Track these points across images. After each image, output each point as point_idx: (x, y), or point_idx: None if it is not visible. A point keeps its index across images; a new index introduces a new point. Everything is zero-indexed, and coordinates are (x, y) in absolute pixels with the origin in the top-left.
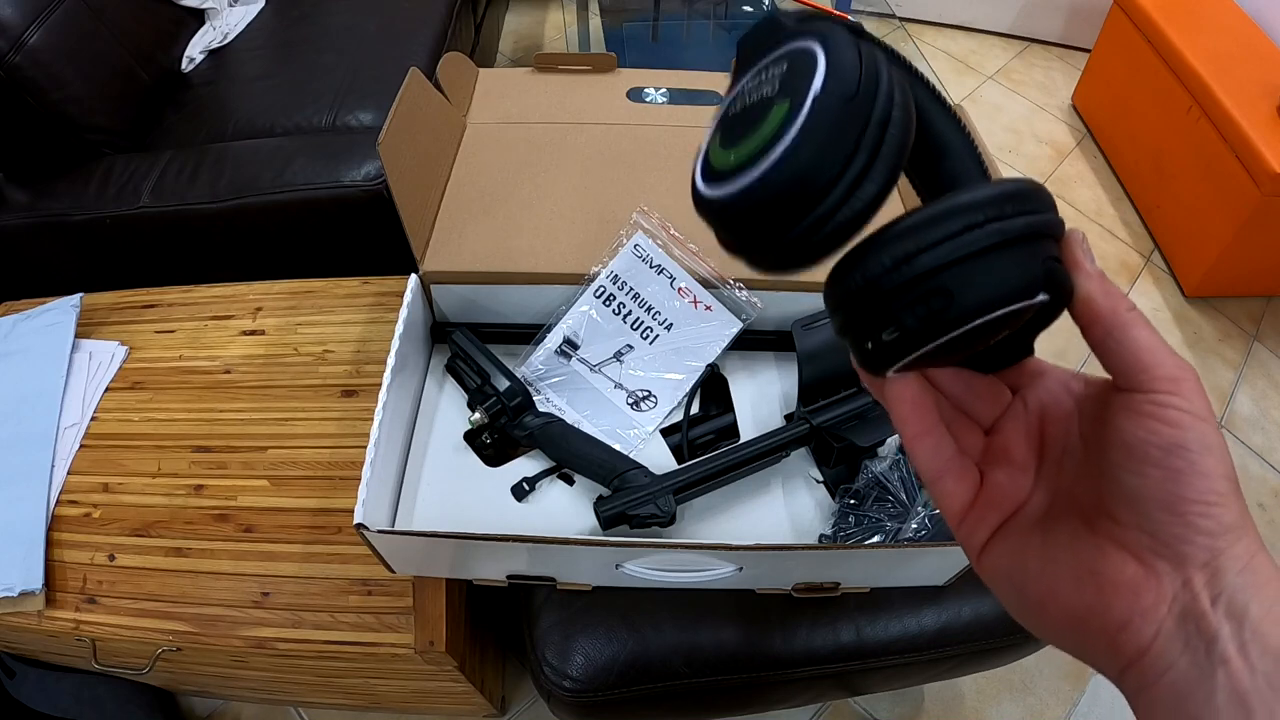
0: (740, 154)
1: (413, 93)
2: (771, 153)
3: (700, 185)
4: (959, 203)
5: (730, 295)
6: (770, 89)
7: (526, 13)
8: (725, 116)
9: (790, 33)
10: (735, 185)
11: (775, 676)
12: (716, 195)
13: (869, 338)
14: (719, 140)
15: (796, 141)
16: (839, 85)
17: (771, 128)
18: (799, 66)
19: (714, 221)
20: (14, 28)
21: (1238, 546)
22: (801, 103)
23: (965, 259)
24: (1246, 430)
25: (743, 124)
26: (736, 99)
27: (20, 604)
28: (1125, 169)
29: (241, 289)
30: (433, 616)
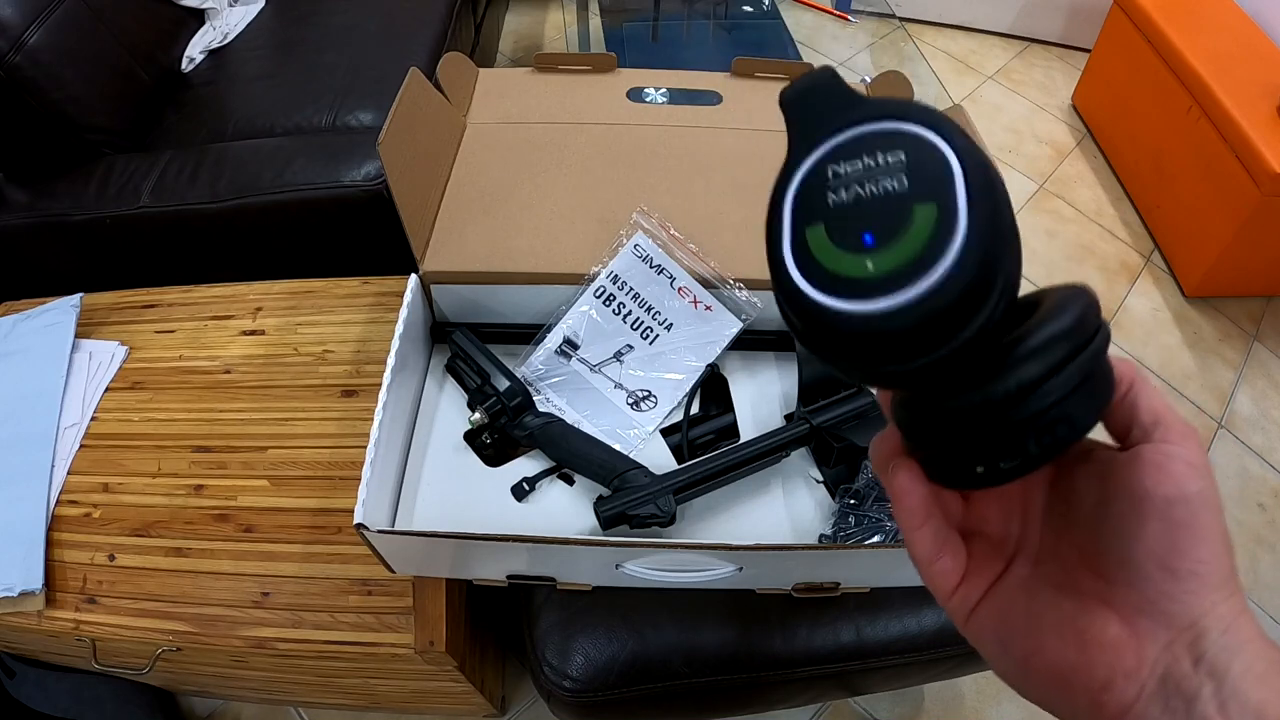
0: (885, 262)
1: (413, 93)
2: (940, 263)
3: (827, 299)
4: (1064, 327)
5: (730, 295)
6: (893, 182)
7: (526, 13)
8: (826, 207)
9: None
10: (895, 300)
11: (775, 676)
12: (867, 311)
13: (980, 463)
14: (830, 240)
15: (965, 250)
16: (985, 189)
17: (925, 234)
18: (925, 159)
19: (849, 342)
20: (14, 28)
21: (1223, 606)
22: (953, 204)
23: (1080, 384)
24: (1246, 430)
25: (869, 225)
26: (832, 185)
27: (20, 604)
28: (1125, 169)
29: (241, 289)
30: (433, 616)
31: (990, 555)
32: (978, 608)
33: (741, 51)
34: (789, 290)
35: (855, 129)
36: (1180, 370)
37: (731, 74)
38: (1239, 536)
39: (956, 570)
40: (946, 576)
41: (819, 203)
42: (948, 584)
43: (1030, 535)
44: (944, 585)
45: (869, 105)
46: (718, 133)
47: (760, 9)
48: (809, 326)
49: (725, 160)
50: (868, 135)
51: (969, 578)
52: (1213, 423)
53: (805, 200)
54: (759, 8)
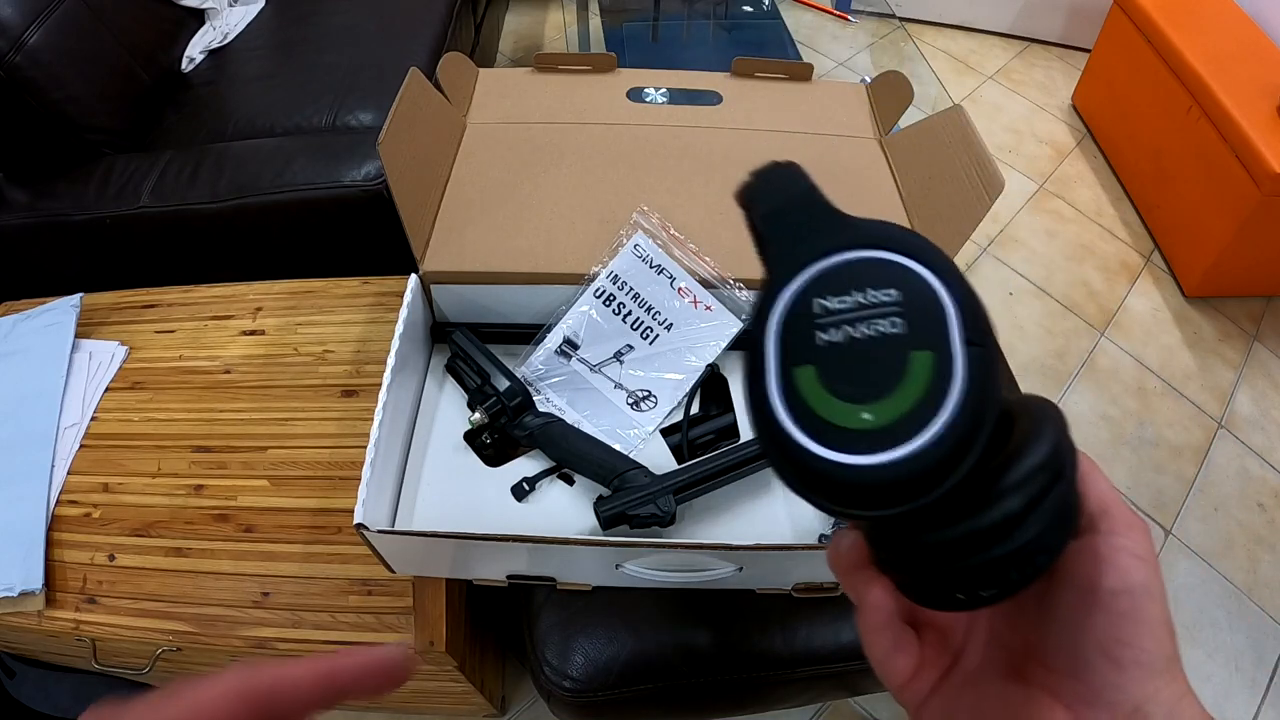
0: (883, 414)
1: (413, 93)
2: (939, 415)
3: (820, 449)
4: (1042, 458)
5: (730, 295)
6: (888, 324)
7: (526, 13)
8: (816, 347)
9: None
10: (893, 455)
11: (775, 676)
12: (864, 464)
13: (961, 591)
14: (823, 384)
15: (964, 399)
16: (978, 330)
17: (922, 384)
18: (919, 299)
19: (838, 490)
20: (14, 28)
21: (1165, 692)
22: (950, 350)
23: (1059, 513)
24: (1246, 430)
25: (864, 371)
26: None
27: (20, 604)
28: (1125, 169)
29: (241, 289)
30: (433, 616)
31: (940, 647)
32: (928, 699)
33: (741, 51)
34: (777, 435)
35: (842, 255)
36: (1180, 370)
37: (731, 74)
38: (1239, 536)
39: (909, 667)
40: (900, 674)
41: (807, 340)
42: (901, 679)
43: (979, 627)
44: (897, 680)
45: (855, 229)
46: (718, 133)
47: (760, 9)
48: (795, 472)
49: (725, 160)
50: (857, 266)
51: (920, 671)
52: (1213, 423)
53: (792, 335)
54: (759, 8)
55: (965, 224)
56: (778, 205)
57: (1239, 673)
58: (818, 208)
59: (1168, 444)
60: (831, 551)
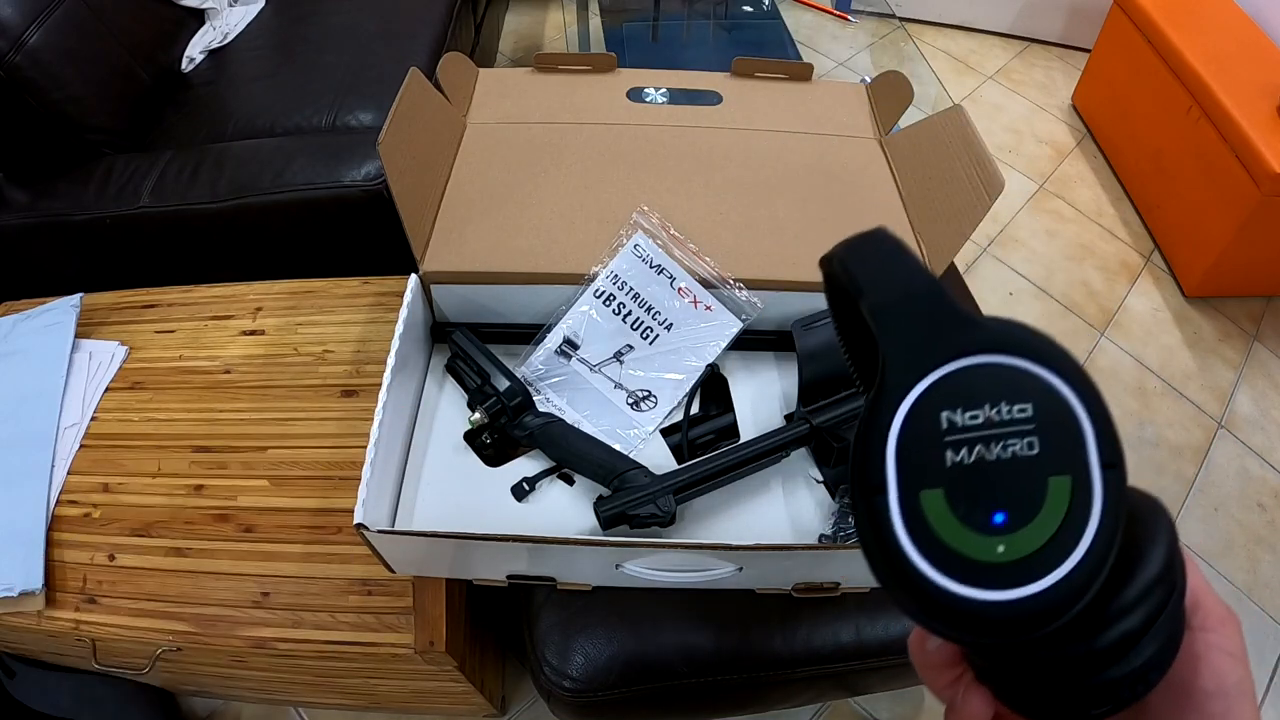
0: (1019, 547)
1: (413, 93)
2: (1078, 547)
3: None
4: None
5: (730, 295)
6: (1023, 445)
7: (526, 13)
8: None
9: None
10: (1028, 591)
11: (775, 676)
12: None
13: (1071, 709)
14: (953, 512)
15: (1101, 528)
16: (1114, 451)
17: (1060, 513)
18: (1054, 416)
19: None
20: (14, 28)
21: None
22: (1088, 475)
23: (1173, 629)
24: (1246, 430)
25: (999, 498)
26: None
27: (20, 604)
28: (1125, 169)
29: (241, 289)
30: (433, 616)
31: None
32: None
33: (741, 51)
34: (899, 565)
35: (969, 360)
36: (1180, 370)
37: (731, 74)
38: (1239, 536)
39: None
40: None
41: (934, 460)
42: None
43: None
44: None
45: (984, 330)
46: (718, 133)
47: (760, 9)
48: (917, 603)
49: (725, 160)
50: (986, 373)
51: None
52: (1213, 423)
53: (916, 453)
54: (759, 8)
55: (965, 224)
56: (895, 297)
57: None
58: (940, 303)
59: (1168, 444)
60: (915, 647)
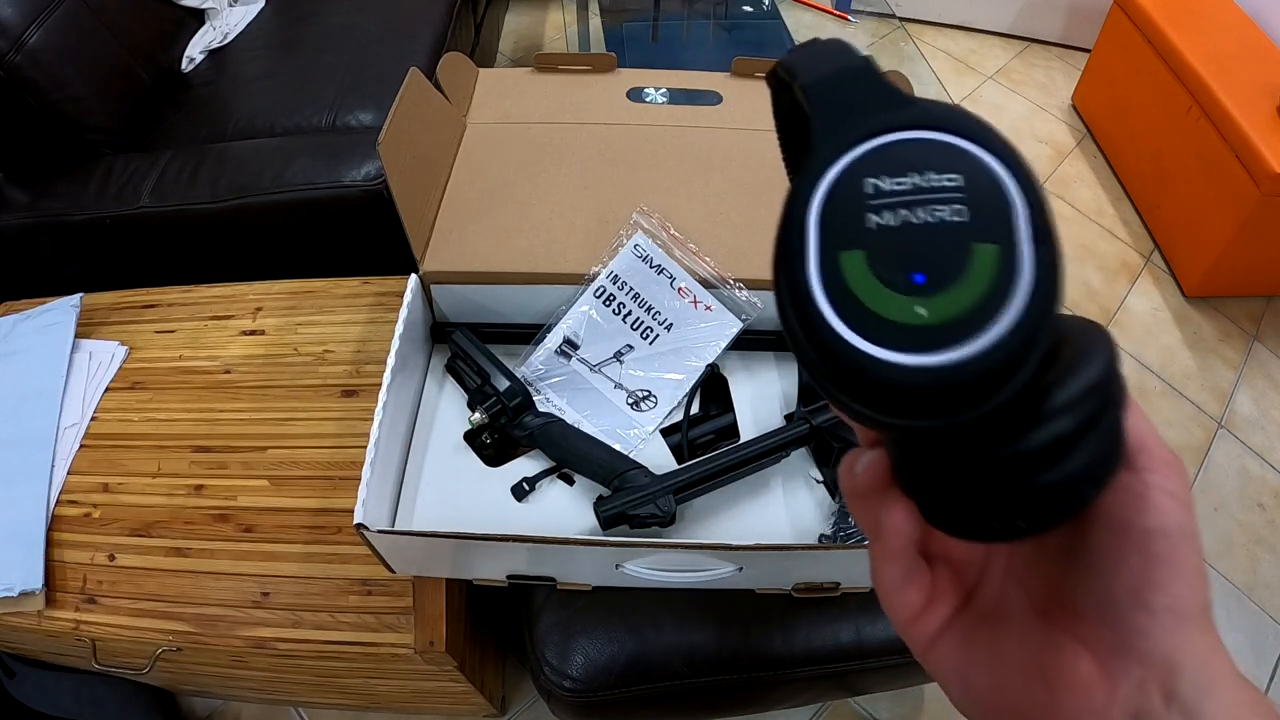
0: (941, 310)
1: (413, 93)
2: (1003, 315)
3: (867, 345)
4: (1095, 378)
5: (730, 295)
6: (950, 211)
7: (526, 13)
8: (866, 229)
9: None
10: (950, 356)
11: (775, 676)
12: (916, 365)
13: (996, 519)
14: (873, 272)
15: (1030, 301)
16: (1047, 230)
17: (986, 280)
18: (984, 188)
19: (883, 393)
20: (14, 28)
21: (1198, 643)
22: (1017, 247)
23: (1109, 442)
24: (1246, 430)
25: (921, 261)
26: (873, 203)
27: (20, 604)
28: (1125, 169)
29: (241, 289)
30: (433, 616)
31: (952, 582)
32: (938, 639)
33: (741, 51)
34: (815, 325)
35: (900, 134)
36: (1180, 370)
37: (731, 74)
38: (1239, 536)
39: (920, 600)
40: (910, 607)
41: (856, 223)
42: (910, 613)
43: (995, 564)
44: (905, 614)
45: (915, 107)
46: (718, 133)
47: (760, 9)
48: (831, 369)
49: (725, 160)
50: (917, 146)
51: (930, 606)
52: (1213, 423)
53: (838, 216)
54: (759, 8)
55: None
56: (828, 74)
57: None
58: (874, 81)
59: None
60: (845, 472)
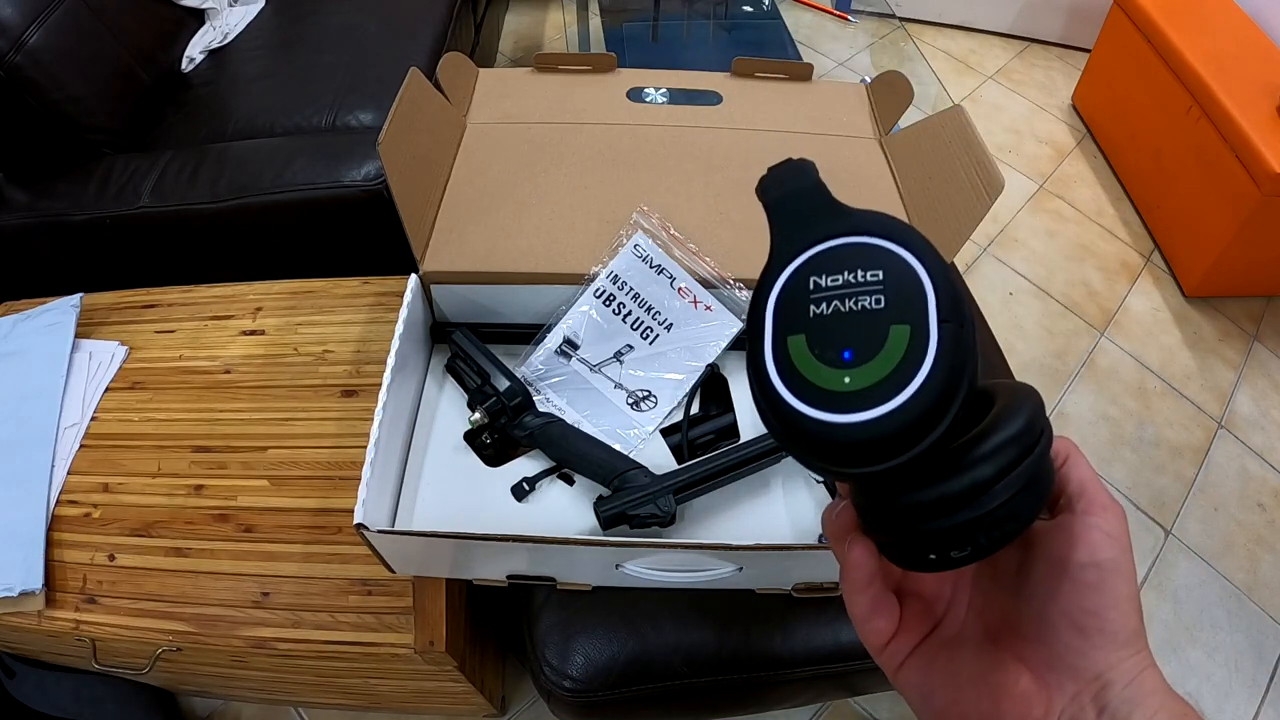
0: (862, 379)
1: (413, 93)
2: (911, 382)
3: (805, 408)
4: (1014, 432)
5: (730, 295)
6: (871, 300)
7: (526, 13)
8: (808, 318)
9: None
10: (868, 415)
11: (775, 676)
12: (842, 422)
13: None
14: (811, 351)
15: (934, 370)
16: (954, 311)
17: (899, 353)
18: (901, 280)
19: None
20: (14, 28)
21: (1128, 662)
22: (925, 326)
23: (1027, 484)
24: (1246, 430)
25: (848, 341)
26: (814, 296)
27: (20, 604)
28: (1125, 169)
29: (241, 289)
30: (433, 616)
31: (922, 614)
32: (906, 662)
33: (741, 51)
34: (770, 395)
35: (836, 240)
36: (1180, 370)
37: (731, 74)
38: (1239, 536)
39: (889, 629)
40: (880, 634)
41: (801, 312)
42: (880, 640)
43: (960, 598)
44: (876, 641)
45: (851, 218)
46: (718, 133)
47: (760, 9)
48: (785, 429)
49: (725, 160)
50: (849, 249)
51: (900, 634)
52: (1213, 423)
53: (788, 308)
54: (759, 8)
55: (965, 224)
56: (785, 194)
57: (1239, 673)
58: (820, 199)
59: (1168, 444)
60: (826, 515)
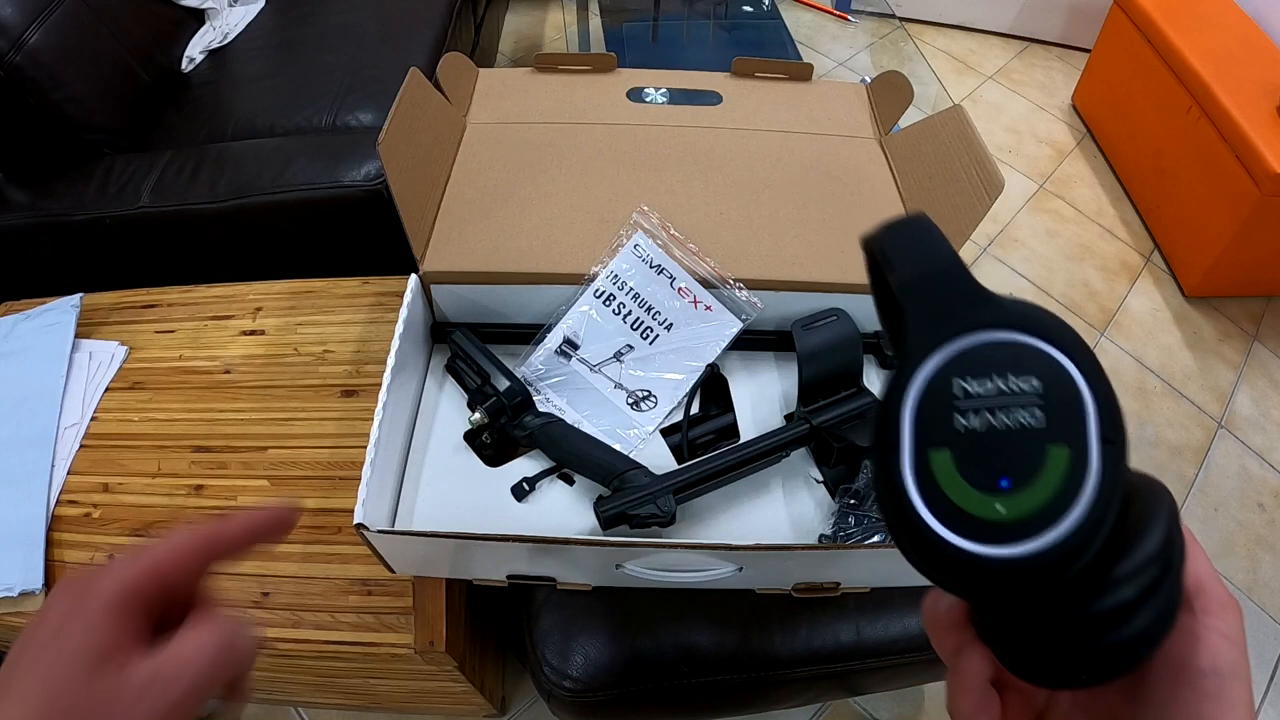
0: (1017, 508)
1: (413, 93)
2: (1071, 512)
3: (951, 536)
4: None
5: (730, 295)
6: (1027, 415)
7: (526, 13)
8: (954, 431)
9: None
10: (1022, 549)
11: (775, 676)
12: (993, 555)
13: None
14: (959, 471)
15: (1096, 499)
16: (1115, 428)
17: (1058, 479)
18: (1059, 390)
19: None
20: (14, 28)
21: None
22: (1086, 447)
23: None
24: (1246, 430)
25: (1003, 464)
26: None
27: (20, 604)
28: (1125, 169)
29: (241, 289)
30: (433, 616)
31: (1021, 709)
32: None
33: (741, 51)
34: (907, 515)
35: (984, 336)
36: (1180, 370)
37: (731, 74)
38: (1239, 536)
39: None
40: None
41: (945, 423)
42: None
43: (1063, 694)
44: None
45: (999, 308)
46: (718, 133)
47: (760, 9)
48: (921, 553)
49: (725, 160)
50: (999, 349)
51: None
52: (1213, 423)
53: (929, 415)
54: (759, 8)
55: (965, 224)
56: (919, 273)
57: None
58: (961, 281)
59: (1168, 444)
60: (929, 607)
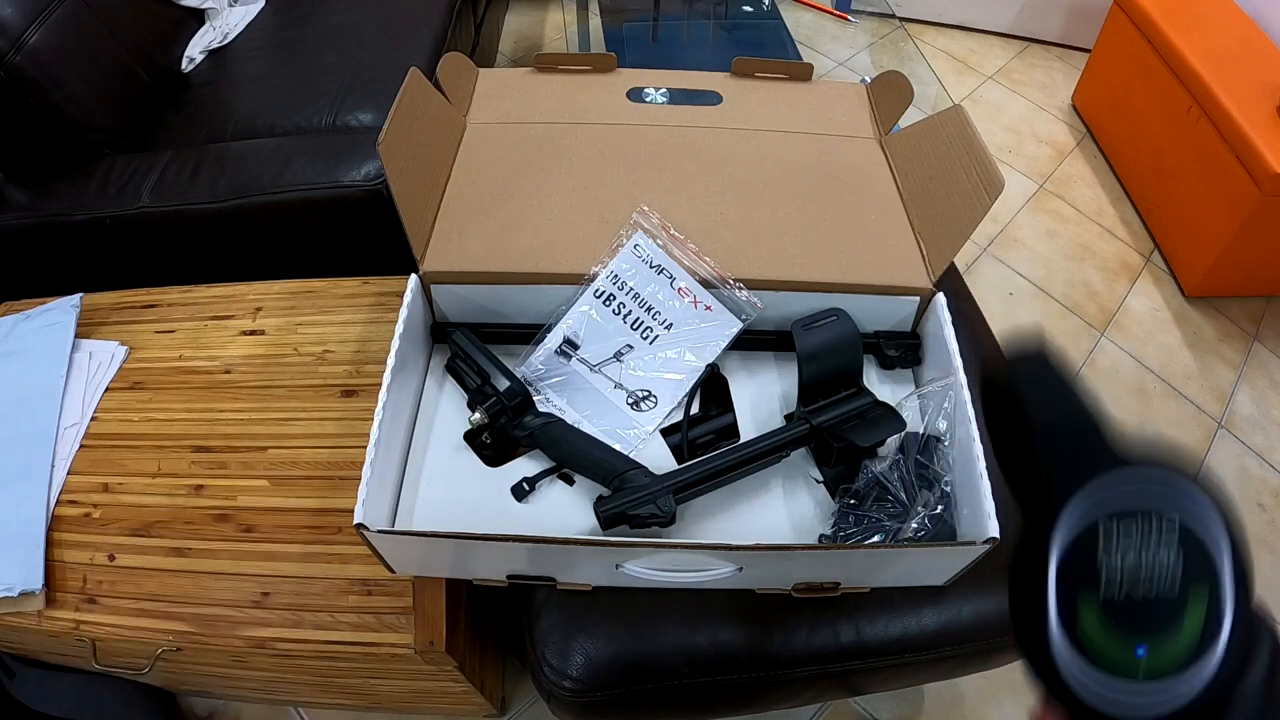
0: (1159, 656)
1: (413, 93)
2: (1206, 661)
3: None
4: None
5: (730, 295)
6: (1169, 555)
7: (526, 13)
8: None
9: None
10: (1159, 698)
11: (775, 676)
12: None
13: None
14: (1105, 618)
15: (1231, 645)
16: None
17: (1196, 628)
18: (1196, 528)
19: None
20: (14, 28)
21: None
22: (1222, 592)
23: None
24: (1246, 430)
25: (1146, 606)
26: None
27: (20, 604)
28: (1125, 169)
29: (241, 289)
30: (433, 616)
31: None
32: None
33: (741, 51)
34: (1048, 654)
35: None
36: (1180, 370)
37: (731, 74)
38: None
39: None
40: None
41: (1091, 567)
42: None
43: None
44: None
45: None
46: (718, 133)
47: (760, 9)
48: (1055, 687)
49: (725, 160)
50: (1139, 489)
51: None
52: (1213, 423)
53: (1077, 560)
54: (759, 8)
55: (965, 224)
56: (1055, 418)
57: None
58: (1092, 423)
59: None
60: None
